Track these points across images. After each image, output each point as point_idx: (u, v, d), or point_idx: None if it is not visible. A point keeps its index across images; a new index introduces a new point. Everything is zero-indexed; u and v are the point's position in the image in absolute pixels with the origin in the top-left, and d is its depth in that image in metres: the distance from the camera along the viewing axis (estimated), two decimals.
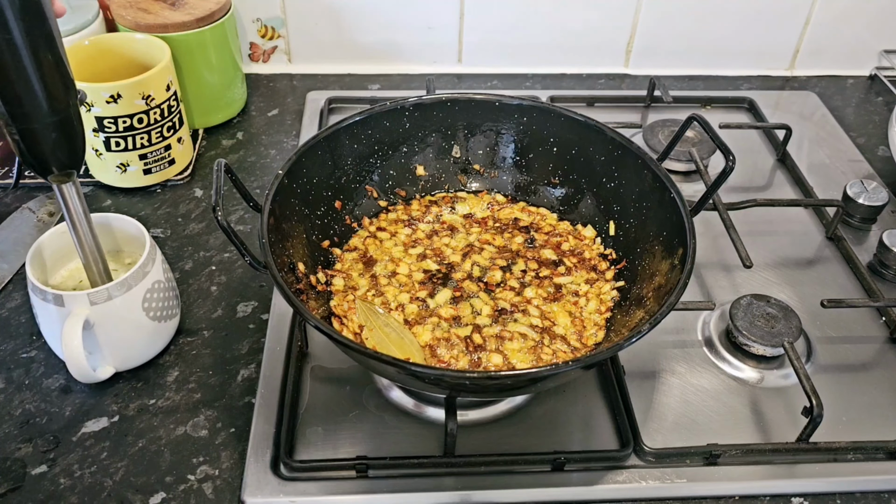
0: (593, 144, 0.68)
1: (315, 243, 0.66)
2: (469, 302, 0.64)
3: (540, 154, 0.72)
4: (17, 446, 0.59)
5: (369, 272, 0.67)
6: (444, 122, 0.72)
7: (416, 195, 0.73)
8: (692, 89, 1.04)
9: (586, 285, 0.65)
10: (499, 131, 0.72)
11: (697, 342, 0.69)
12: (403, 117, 0.70)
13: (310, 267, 0.64)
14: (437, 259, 0.68)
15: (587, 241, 0.69)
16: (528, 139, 0.72)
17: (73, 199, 0.56)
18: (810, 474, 0.59)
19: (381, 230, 0.71)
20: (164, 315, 0.64)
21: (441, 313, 0.63)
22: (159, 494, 0.57)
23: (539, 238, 0.70)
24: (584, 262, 0.67)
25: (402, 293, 0.65)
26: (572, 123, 0.69)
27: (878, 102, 1.04)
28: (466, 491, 0.57)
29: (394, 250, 0.68)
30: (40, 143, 0.52)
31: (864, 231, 0.82)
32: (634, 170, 0.65)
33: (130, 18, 0.83)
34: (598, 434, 0.61)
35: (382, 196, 0.72)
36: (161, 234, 0.79)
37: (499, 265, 0.67)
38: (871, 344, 0.70)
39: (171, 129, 0.82)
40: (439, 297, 0.64)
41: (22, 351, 0.66)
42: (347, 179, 0.70)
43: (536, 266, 0.67)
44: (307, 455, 0.59)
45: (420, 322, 0.63)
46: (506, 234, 0.70)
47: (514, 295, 0.65)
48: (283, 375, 0.64)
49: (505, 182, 0.74)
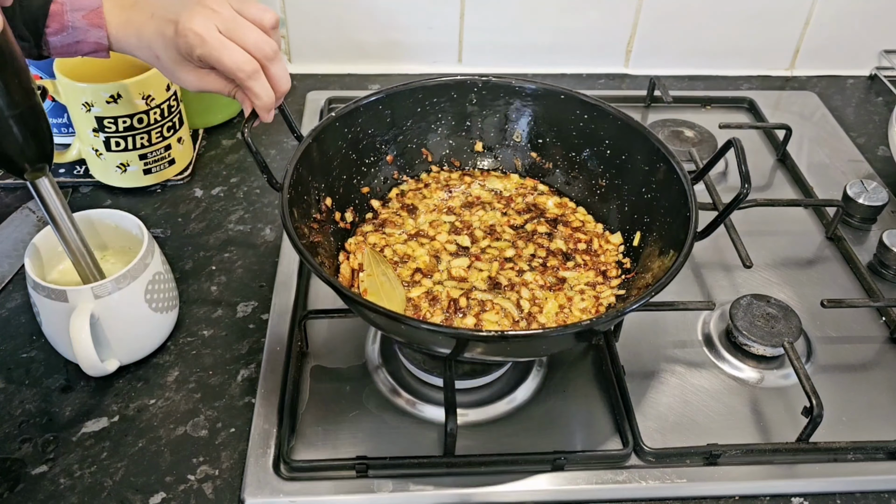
0: (640, 153, 0.66)
1: (355, 187, 0.70)
2: (475, 267, 0.65)
3: (593, 155, 0.71)
4: (17, 446, 0.59)
5: (412, 221, 0.70)
6: (511, 108, 0.73)
7: (470, 167, 0.75)
8: (692, 89, 1.04)
9: (588, 287, 0.65)
10: (572, 133, 0.72)
11: (697, 342, 0.69)
12: (471, 92, 0.72)
13: (338, 204, 0.67)
14: (467, 231, 0.69)
15: (611, 246, 0.68)
16: (587, 141, 0.71)
17: (49, 195, 0.56)
18: (810, 474, 0.59)
19: (421, 189, 0.73)
20: (166, 306, 0.65)
21: (451, 272, 0.65)
22: (159, 494, 0.57)
23: (562, 230, 0.69)
24: (598, 264, 0.66)
25: (425, 252, 0.67)
26: (626, 129, 0.67)
27: (878, 102, 1.04)
28: (466, 490, 0.57)
29: (426, 214, 0.71)
30: (6, 140, 0.52)
31: (864, 231, 0.82)
32: (670, 185, 0.63)
33: None
34: (598, 434, 0.61)
35: (435, 161, 0.74)
36: (161, 234, 0.79)
37: (516, 245, 0.68)
38: (871, 344, 0.70)
39: (171, 129, 0.82)
40: (457, 261, 0.66)
41: (22, 351, 0.66)
42: (404, 139, 0.72)
43: (545, 254, 0.67)
44: (307, 455, 0.59)
45: (427, 275, 0.64)
46: (532, 220, 0.70)
47: (515, 275, 0.65)
48: (283, 375, 0.64)
49: (557, 177, 0.74)
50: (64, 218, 0.58)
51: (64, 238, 0.59)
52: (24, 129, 0.52)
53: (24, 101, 0.51)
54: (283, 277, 0.73)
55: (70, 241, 0.59)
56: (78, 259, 0.60)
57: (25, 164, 0.54)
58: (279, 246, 0.77)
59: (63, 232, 0.58)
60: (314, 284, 0.73)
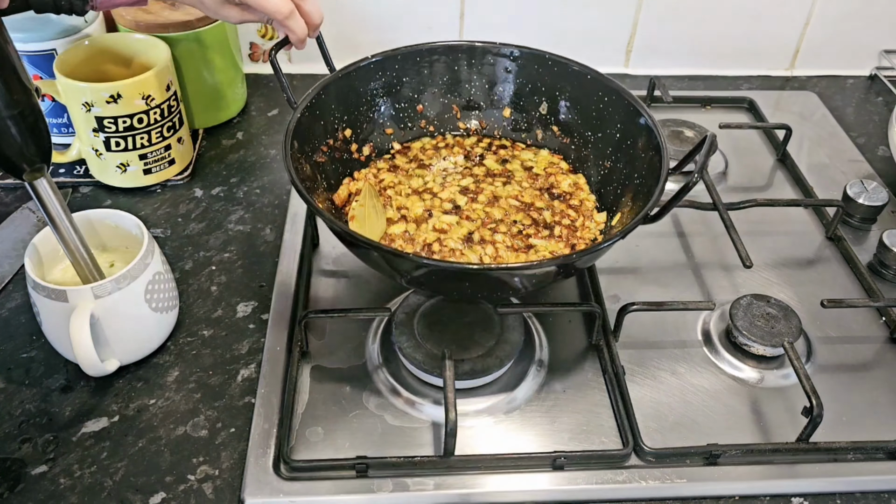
0: (643, 140, 0.68)
1: (381, 126, 0.76)
2: (461, 224, 0.70)
3: (601, 138, 0.74)
4: (17, 446, 0.59)
5: (421, 178, 0.74)
6: (537, 78, 0.77)
7: (497, 133, 0.80)
8: (692, 89, 1.04)
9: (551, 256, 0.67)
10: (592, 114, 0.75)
11: (697, 342, 0.69)
12: (504, 59, 0.77)
13: (358, 137, 0.74)
14: (472, 197, 0.73)
15: (594, 224, 0.71)
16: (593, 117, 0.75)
17: (48, 195, 0.56)
18: (810, 474, 0.59)
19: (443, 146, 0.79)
20: (166, 306, 0.65)
21: (435, 225, 0.69)
22: (159, 494, 0.57)
23: (557, 205, 0.72)
24: (572, 239, 0.70)
25: (421, 207, 0.71)
26: (635, 114, 0.69)
27: (878, 102, 1.04)
28: (466, 490, 0.57)
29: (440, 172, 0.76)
30: (3, 141, 0.52)
31: (864, 231, 0.82)
32: (658, 169, 0.64)
33: (130, 18, 0.83)
34: (598, 434, 0.61)
35: (463, 118, 0.80)
36: (161, 234, 0.79)
37: (508, 212, 0.71)
38: (871, 344, 0.70)
39: (171, 129, 0.82)
40: (447, 217, 0.70)
41: (22, 351, 0.66)
42: (439, 92, 0.78)
43: (529, 222, 0.70)
44: (307, 455, 0.59)
45: (417, 223, 0.69)
46: (541, 194, 0.73)
47: (490, 234, 0.69)
48: (284, 375, 0.64)
49: (568, 149, 0.78)
50: (63, 219, 0.58)
51: (63, 239, 0.59)
52: (23, 129, 0.52)
53: (21, 101, 0.51)
54: (283, 277, 0.73)
55: (69, 242, 0.59)
56: (77, 259, 0.60)
57: (24, 165, 0.54)
58: (279, 246, 0.77)
59: (62, 233, 0.58)
60: (314, 284, 0.73)
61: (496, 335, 0.64)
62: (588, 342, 0.68)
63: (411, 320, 0.65)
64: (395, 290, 0.72)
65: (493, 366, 0.62)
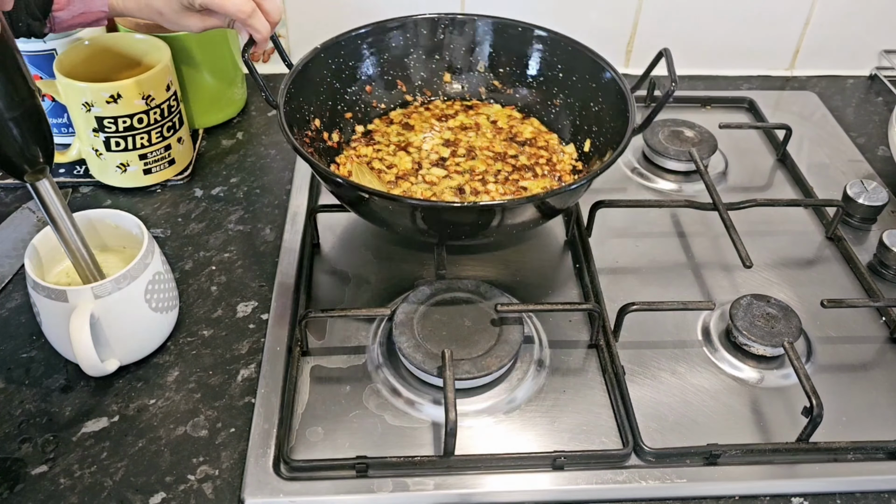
0: (587, 71, 0.78)
1: (340, 112, 0.80)
2: (449, 177, 0.75)
3: (551, 80, 0.83)
4: (16, 446, 0.59)
5: (407, 138, 0.80)
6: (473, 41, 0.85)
7: (444, 96, 0.86)
8: (692, 89, 1.04)
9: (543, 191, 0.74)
10: (530, 56, 0.84)
11: (697, 342, 0.69)
12: (439, 29, 0.84)
13: (326, 126, 0.77)
14: (453, 148, 0.79)
15: (567, 156, 0.79)
16: (547, 68, 0.83)
17: (49, 196, 0.56)
18: (810, 474, 0.59)
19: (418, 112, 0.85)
20: (166, 306, 0.65)
21: (426, 177, 0.75)
22: (159, 494, 0.57)
23: (528, 150, 0.80)
24: (555, 172, 0.77)
25: (409, 160, 0.77)
26: (583, 57, 0.79)
27: (878, 102, 1.04)
28: (466, 490, 0.57)
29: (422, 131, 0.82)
30: (5, 142, 0.52)
31: (864, 231, 0.82)
32: (612, 93, 0.75)
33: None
34: (598, 434, 0.61)
35: (410, 93, 0.85)
36: (161, 234, 0.79)
37: (488, 164, 0.78)
38: (871, 344, 0.70)
39: (171, 129, 0.82)
40: (435, 170, 0.76)
41: (22, 351, 0.66)
42: (383, 71, 0.83)
43: (510, 170, 0.77)
44: (307, 455, 0.59)
45: (404, 178, 0.75)
46: (509, 143, 0.81)
47: (480, 185, 0.74)
48: (284, 375, 0.64)
49: (525, 98, 0.85)
50: (64, 219, 0.58)
51: (64, 239, 0.59)
52: (25, 131, 0.52)
53: (24, 102, 0.51)
54: (283, 277, 0.73)
55: (70, 242, 0.59)
56: (77, 259, 0.60)
57: (25, 167, 0.54)
58: (279, 246, 0.77)
59: (63, 233, 0.58)
60: (314, 284, 0.73)
61: (496, 335, 0.64)
62: (588, 342, 0.68)
63: (411, 320, 0.65)
64: (396, 290, 0.72)
65: (493, 366, 0.62)
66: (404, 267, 0.75)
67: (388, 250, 0.77)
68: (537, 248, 0.78)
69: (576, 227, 0.79)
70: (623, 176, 0.89)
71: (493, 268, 0.75)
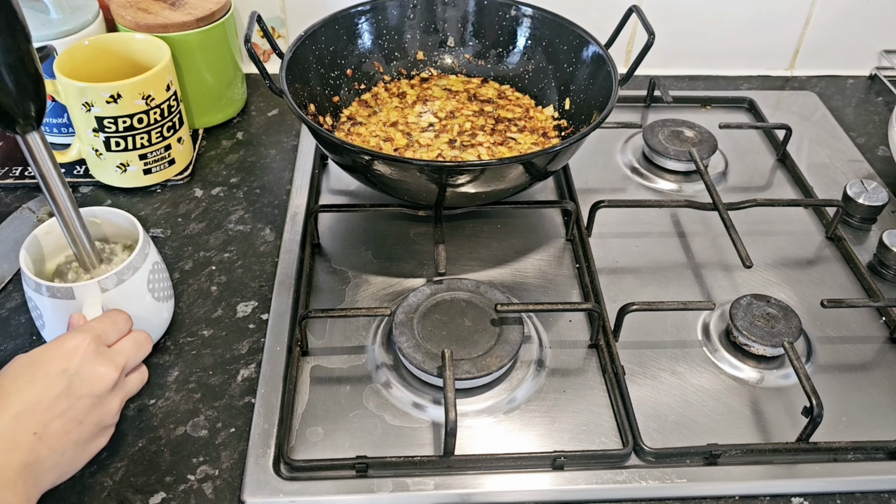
0: (559, 36, 0.85)
1: (328, 96, 0.84)
2: (440, 137, 0.80)
3: (522, 47, 0.89)
4: None
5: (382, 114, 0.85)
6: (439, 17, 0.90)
7: (414, 73, 0.91)
8: (692, 89, 1.04)
9: (535, 146, 0.80)
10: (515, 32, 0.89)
11: (697, 342, 0.69)
12: (409, 9, 0.89)
13: (320, 111, 0.81)
14: (434, 114, 0.85)
15: (544, 116, 0.84)
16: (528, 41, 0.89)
17: (39, 151, 0.54)
18: (810, 474, 0.59)
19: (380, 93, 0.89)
20: (165, 295, 0.66)
21: (420, 141, 0.80)
22: (159, 494, 0.57)
23: (503, 102, 0.86)
24: (537, 128, 0.82)
25: (400, 134, 0.81)
26: (556, 25, 0.86)
27: (878, 102, 1.04)
28: (466, 490, 0.57)
29: (396, 110, 0.86)
30: (1, 88, 0.50)
31: (864, 231, 0.82)
32: (586, 53, 0.82)
33: (130, 18, 0.83)
34: (598, 434, 0.61)
35: (387, 71, 0.90)
36: (161, 234, 0.79)
37: (471, 119, 0.84)
38: (871, 344, 0.70)
39: (171, 129, 0.82)
40: (426, 133, 0.81)
41: (22, 351, 0.66)
42: (359, 54, 0.87)
43: (494, 122, 0.83)
44: (307, 455, 0.59)
45: (401, 150, 0.79)
46: (477, 103, 0.87)
47: (469, 137, 0.80)
48: (284, 375, 0.64)
49: (500, 68, 0.91)
50: (54, 177, 0.56)
51: (55, 200, 0.57)
52: (18, 77, 0.50)
53: (13, 48, 0.49)
54: (283, 277, 0.73)
55: (61, 204, 0.57)
56: (71, 230, 0.58)
57: (19, 119, 0.52)
58: (279, 246, 0.77)
59: (53, 192, 0.56)
60: (314, 284, 0.73)
61: (496, 335, 0.64)
62: (588, 342, 0.68)
63: (411, 320, 0.65)
64: (396, 290, 0.72)
65: (493, 366, 0.62)
66: (404, 267, 0.75)
67: (388, 250, 0.77)
68: (537, 248, 0.78)
69: (576, 227, 0.79)
70: (623, 176, 0.89)
71: (493, 268, 0.75)
